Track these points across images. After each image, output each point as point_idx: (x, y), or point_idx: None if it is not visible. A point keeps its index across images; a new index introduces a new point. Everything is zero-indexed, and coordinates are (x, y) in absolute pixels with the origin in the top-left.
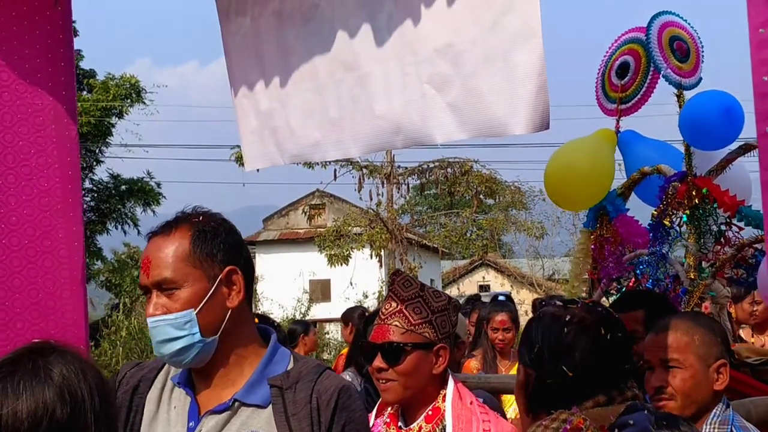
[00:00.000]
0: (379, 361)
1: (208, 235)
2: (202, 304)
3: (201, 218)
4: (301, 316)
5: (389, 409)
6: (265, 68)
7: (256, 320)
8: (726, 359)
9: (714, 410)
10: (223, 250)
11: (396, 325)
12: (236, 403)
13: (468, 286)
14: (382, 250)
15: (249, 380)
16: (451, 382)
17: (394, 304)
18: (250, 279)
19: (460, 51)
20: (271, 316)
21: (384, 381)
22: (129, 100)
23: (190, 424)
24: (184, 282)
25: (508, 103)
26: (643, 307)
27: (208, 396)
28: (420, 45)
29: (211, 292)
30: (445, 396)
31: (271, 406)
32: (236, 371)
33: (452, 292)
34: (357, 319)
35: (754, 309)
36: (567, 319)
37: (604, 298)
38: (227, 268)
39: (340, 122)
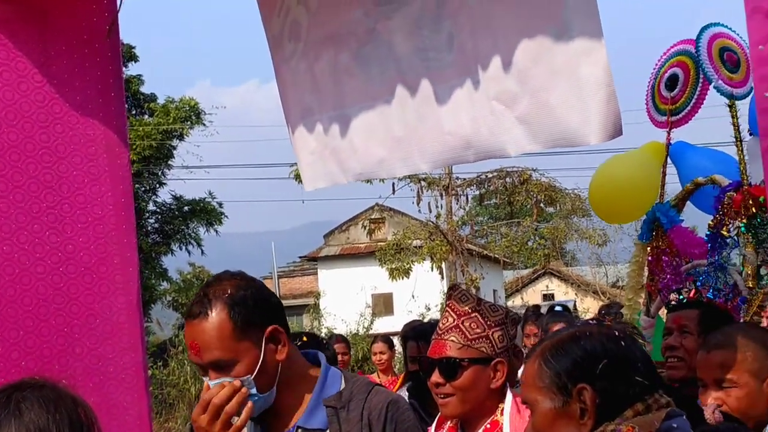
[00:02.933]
0: (436, 377)
1: (242, 305)
2: (257, 370)
3: (228, 291)
4: (365, 330)
5: (449, 422)
6: (320, 90)
7: (305, 338)
8: None
9: None
10: (259, 313)
11: (453, 340)
12: (299, 430)
13: (531, 296)
14: (443, 262)
15: (308, 406)
16: (509, 396)
17: (451, 319)
18: (284, 316)
19: (525, 68)
20: (335, 331)
21: (442, 396)
22: (189, 123)
23: None
24: (236, 357)
25: (580, 114)
26: (699, 307)
27: (276, 426)
28: (483, 63)
29: (262, 356)
30: (503, 410)
31: (329, 427)
32: (297, 400)
33: (516, 302)
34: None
35: None
36: (617, 333)
37: (664, 309)
38: (269, 329)
39: (406, 139)
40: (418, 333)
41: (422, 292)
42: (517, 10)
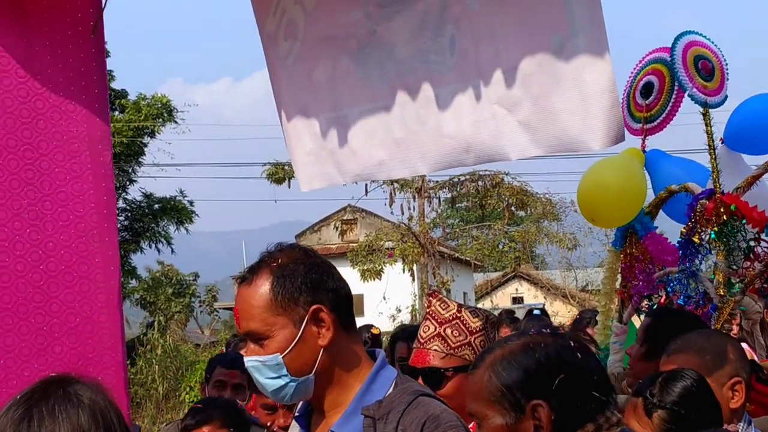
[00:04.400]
0: None
1: (288, 279)
2: (289, 349)
3: (279, 261)
4: None
5: None
6: (318, 91)
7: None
8: (742, 376)
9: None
10: (305, 291)
11: (436, 350)
12: None
13: (501, 299)
14: (415, 264)
15: (346, 410)
16: None
17: (432, 327)
18: (345, 306)
19: (528, 73)
20: None
21: None
22: (161, 120)
23: None
24: (270, 332)
25: (583, 120)
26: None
27: (318, 425)
28: (485, 68)
29: (298, 336)
30: None
31: None
32: (340, 400)
33: (485, 304)
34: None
35: None
36: (572, 343)
37: (635, 316)
38: (312, 309)
39: (406, 142)
40: (409, 334)
41: (393, 293)
42: (521, 16)
